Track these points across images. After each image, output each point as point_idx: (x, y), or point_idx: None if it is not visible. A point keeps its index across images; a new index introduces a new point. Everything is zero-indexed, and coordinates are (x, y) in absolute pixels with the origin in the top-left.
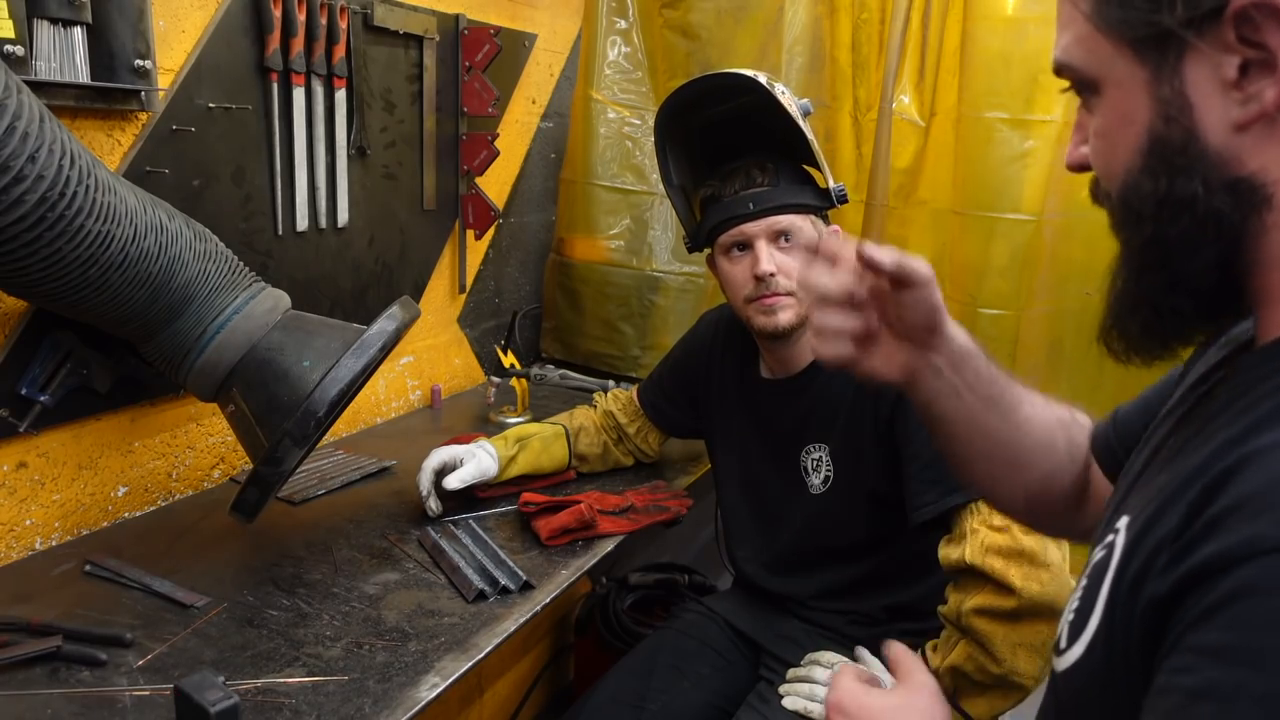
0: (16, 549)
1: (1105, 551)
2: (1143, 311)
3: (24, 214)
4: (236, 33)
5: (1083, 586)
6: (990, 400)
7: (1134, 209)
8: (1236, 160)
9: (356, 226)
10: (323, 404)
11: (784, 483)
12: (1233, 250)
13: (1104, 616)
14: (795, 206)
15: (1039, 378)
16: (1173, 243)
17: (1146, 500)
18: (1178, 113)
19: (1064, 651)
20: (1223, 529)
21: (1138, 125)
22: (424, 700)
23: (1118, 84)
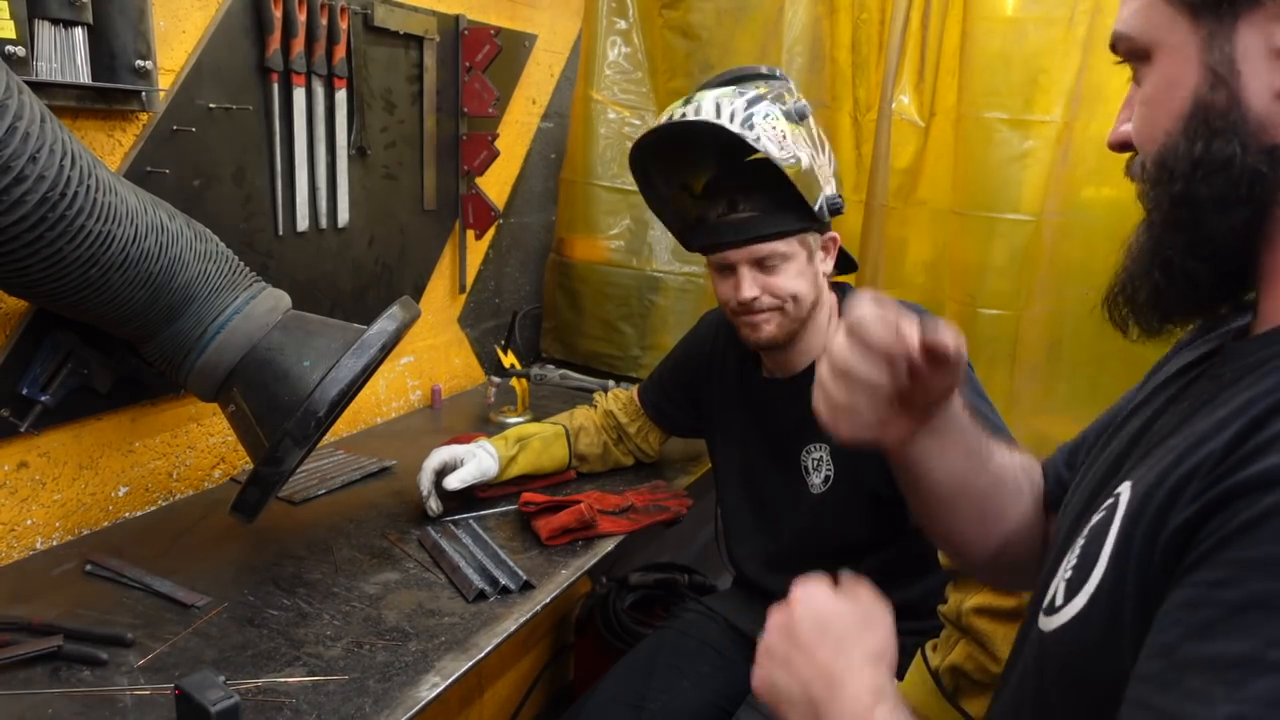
0: (17, 549)
1: (1105, 513)
2: (1154, 274)
3: (25, 214)
4: (237, 33)
5: (1080, 546)
6: (971, 453)
7: (1168, 167)
8: (1276, 127)
9: (357, 226)
10: (323, 404)
11: (784, 482)
12: (1259, 217)
13: (1111, 563)
14: (776, 234)
15: (1039, 378)
16: (1203, 200)
17: (1157, 459)
18: (1224, 78)
19: (1059, 609)
20: (1266, 453)
21: (1184, 90)
22: (424, 700)
23: (1171, 50)
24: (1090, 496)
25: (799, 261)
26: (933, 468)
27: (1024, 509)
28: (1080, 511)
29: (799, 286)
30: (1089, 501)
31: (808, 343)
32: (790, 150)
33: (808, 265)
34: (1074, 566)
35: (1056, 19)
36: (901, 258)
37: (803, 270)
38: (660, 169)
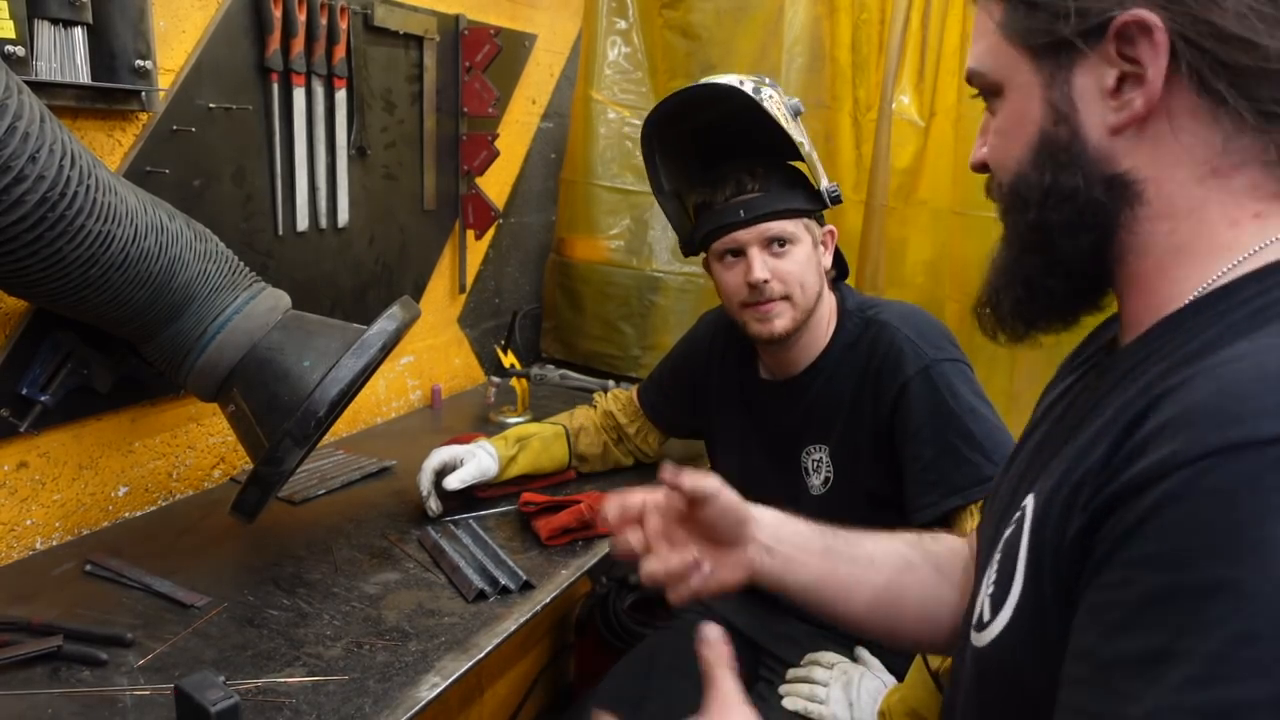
0: (17, 549)
1: (1015, 527)
2: (1016, 289)
3: (25, 214)
4: (237, 33)
5: (997, 562)
6: (827, 551)
7: (1022, 196)
8: (1112, 159)
9: (357, 226)
10: (323, 404)
11: (784, 483)
12: (1106, 239)
13: (1027, 576)
14: (786, 212)
15: (1039, 378)
16: (1055, 228)
17: (1052, 470)
18: (1065, 115)
19: (986, 625)
20: (1142, 455)
21: (1031, 124)
22: (424, 700)
23: (1018, 88)
24: (1001, 512)
25: (806, 246)
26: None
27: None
28: (995, 527)
29: (807, 274)
30: (1001, 517)
31: (807, 341)
32: (797, 133)
33: (813, 252)
34: (994, 582)
35: None
36: (901, 258)
37: (810, 256)
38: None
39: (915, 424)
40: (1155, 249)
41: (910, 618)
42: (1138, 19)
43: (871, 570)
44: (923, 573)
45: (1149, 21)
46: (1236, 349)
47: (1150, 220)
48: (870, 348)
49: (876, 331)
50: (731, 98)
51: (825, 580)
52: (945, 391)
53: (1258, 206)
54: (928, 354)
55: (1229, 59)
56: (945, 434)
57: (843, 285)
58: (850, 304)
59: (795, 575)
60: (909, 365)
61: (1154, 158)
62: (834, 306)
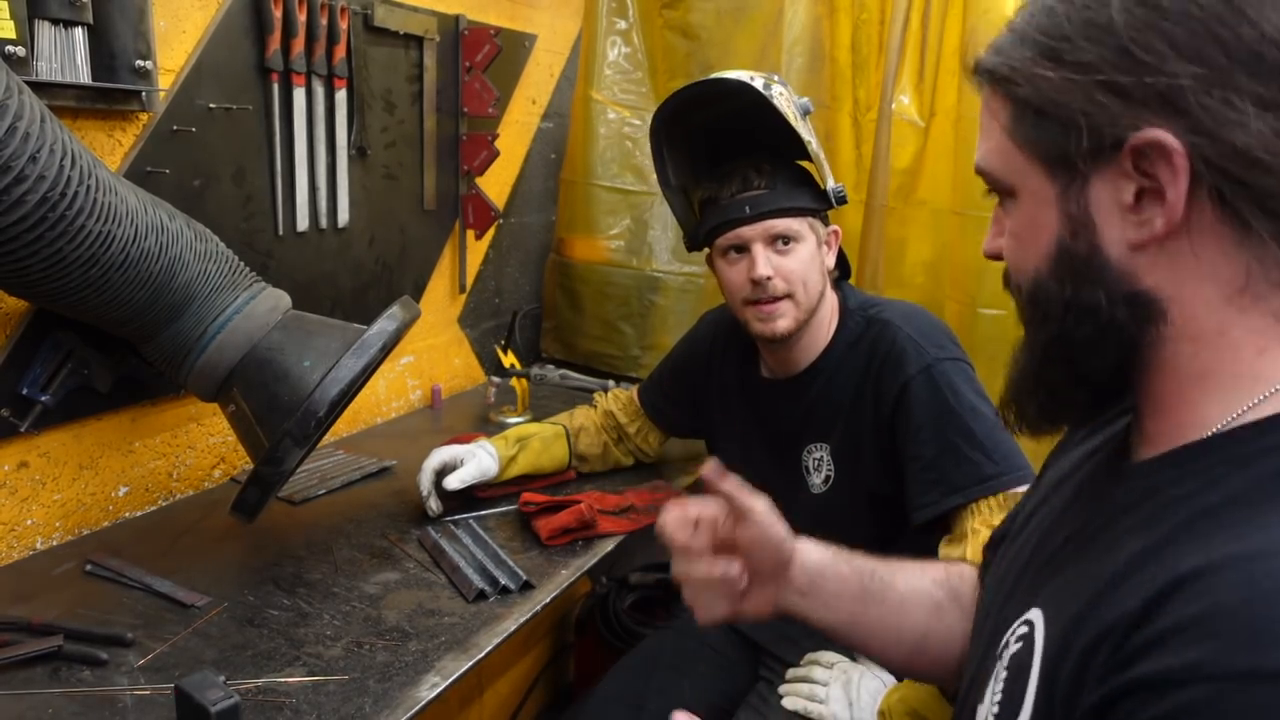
0: (17, 549)
1: (1022, 644)
2: (1040, 396)
3: (25, 214)
4: (237, 33)
5: (1004, 680)
6: (861, 595)
7: (1041, 308)
8: (1134, 276)
9: (357, 226)
10: (323, 404)
11: (785, 482)
12: (1129, 357)
13: (1036, 707)
14: (792, 210)
15: None
16: (1078, 344)
17: (1064, 595)
18: (1082, 228)
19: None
20: (1165, 648)
21: (1048, 234)
22: (424, 700)
23: (1031, 195)
24: (1001, 610)
25: (810, 245)
26: (825, 621)
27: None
28: (995, 628)
29: (810, 273)
30: (1001, 618)
31: (809, 340)
32: (805, 131)
33: (816, 252)
34: (1000, 703)
35: None
36: (901, 258)
37: (813, 256)
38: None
39: (916, 423)
40: (1178, 371)
41: (931, 661)
42: (1154, 141)
43: (901, 614)
44: (950, 617)
45: (1166, 144)
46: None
47: (1174, 341)
48: (872, 347)
49: (878, 331)
50: (742, 94)
51: (854, 624)
52: (946, 390)
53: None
54: (929, 353)
55: (1253, 181)
56: (946, 433)
57: (845, 285)
58: (852, 303)
59: (824, 617)
60: (910, 364)
61: (1177, 277)
62: (836, 306)
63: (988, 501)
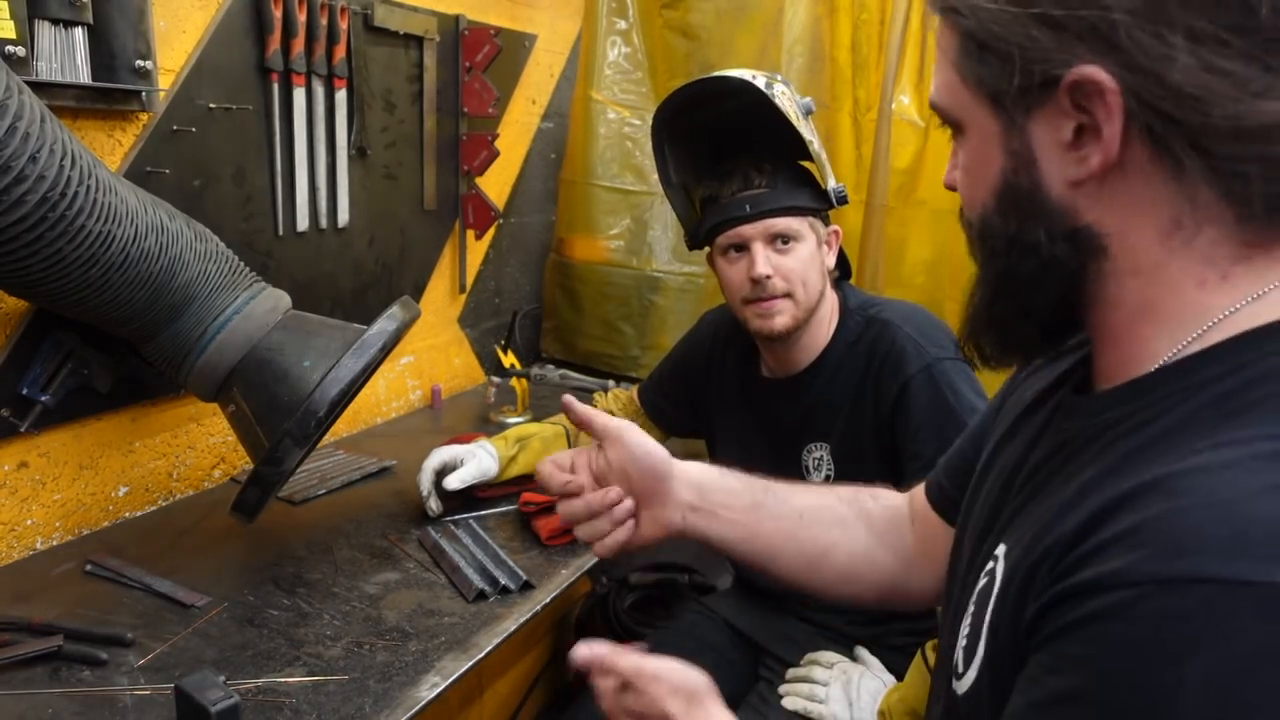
0: (17, 549)
1: (988, 579)
2: (992, 332)
3: (25, 214)
4: (237, 33)
5: (970, 613)
6: (754, 507)
7: (989, 244)
8: (1075, 212)
9: (357, 226)
10: (323, 404)
11: (785, 481)
12: (1073, 292)
13: (988, 641)
14: (792, 209)
15: None
16: (1022, 280)
17: (1024, 528)
18: (1024, 165)
19: (961, 676)
20: (1103, 555)
21: (994, 169)
22: (424, 700)
23: (977, 130)
24: (975, 548)
25: (810, 245)
26: (721, 533)
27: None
28: (969, 563)
29: (809, 272)
30: (974, 554)
31: (809, 339)
32: (806, 129)
33: (816, 251)
34: (967, 635)
35: None
36: (901, 258)
37: (813, 255)
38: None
39: (916, 422)
40: (1124, 305)
41: (836, 576)
42: (1087, 78)
43: (799, 526)
44: (855, 530)
45: (1100, 81)
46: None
47: (1117, 275)
48: (872, 346)
49: (878, 330)
50: (744, 92)
51: (751, 537)
52: (947, 390)
53: (1224, 268)
54: (929, 353)
55: (1183, 118)
56: (946, 432)
57: (845, 284)
58: (852, 303)
59: (719, 531)
60: (910, 364)
61: (1115, 213)
62: (836, 305)
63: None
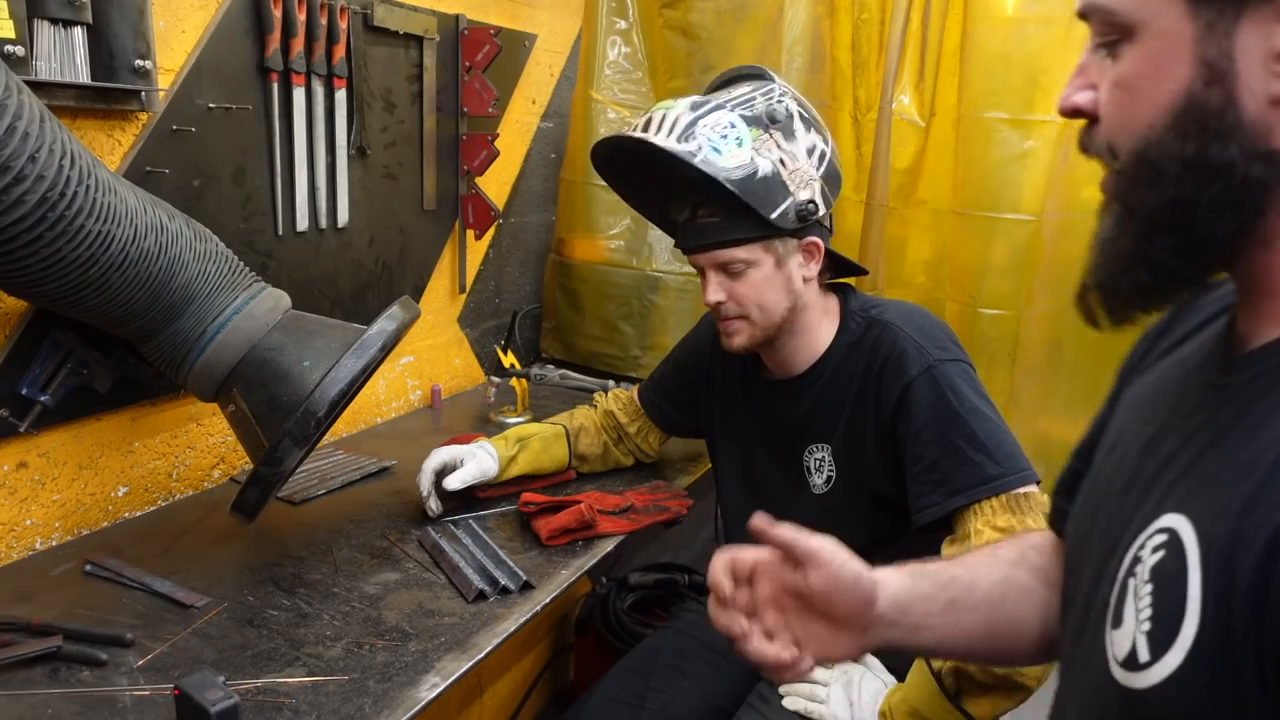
0: (17, 549)
1: (1165, 552)
2: (1139, 272)
3: (24, 214)
4: (237, 33)
5: (1149, 593)
6: (950, 606)
7: (1155, 166)
8: (1271, 133)
9: (356, 226)
10: (323, 404)
11: (786, 483)
12: (1254, 221)
13: (1209, 621)
14: (736, 241)
15: (1039, 378)
16: (1200, 206)
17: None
18: (1221, 76)
19: (1147, 665)
20: None
21: (1174, 82)
22: (424, 700)
23: (1160, 35)
24: (1121, 526)
25: (765, 269)
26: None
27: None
28: (1112, 544)
29: (765, 295)
30: (1121, 532)
31: (803, 344)
32: (741, 159)
33: (776, 272)
34: (1151, 618)
35: (1056, 19)
36: (901, 258)
37: (769, 278)
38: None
39: (918, 424)
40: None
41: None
42: None
43: (994, 611)
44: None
45: None
46: None
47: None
48: (873, 348)
49: (879, 331)
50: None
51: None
52: (948, 391)
53: None
54: (931, 354)
55: None
56: (948, 434)
57: (845, 285)
58: (853, 304)
59: (920, 642)
60: (912, 365)
61: None
62: (835, 306)
63: (990, 503)
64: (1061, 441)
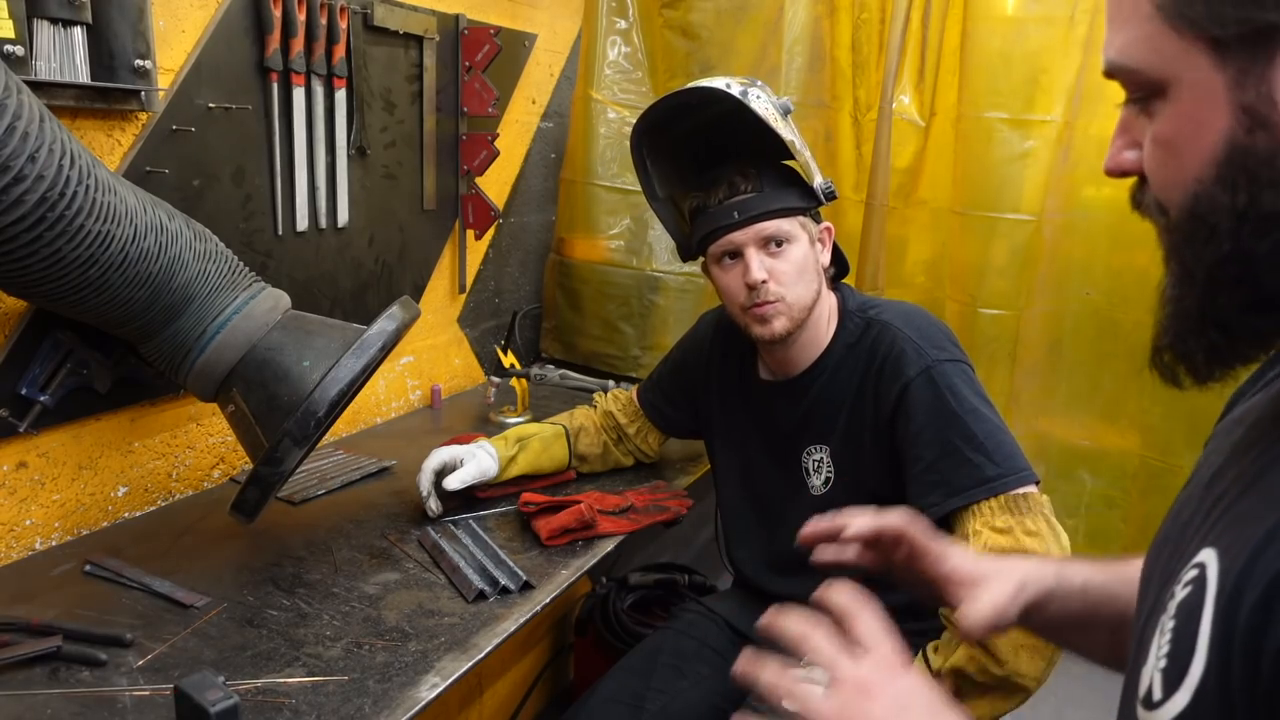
0: (16, 549)
1: (1192, 588)
2: (1209, 333)
3: (24, 214)
4: (236, 33)
5: (1170, 629)
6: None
7: (1206, 223)
8: None
9: (356, 226)
10: (323, 404)
11: (785, 483)
12: None
13: (1214, 656)
14: (781, 211)
15: (1039, 378)
16: (1259, 259)
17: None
18: (1263, 120)
19: (1158, 704)
20: None
21: (1213, 134)
22: (424, 700)
23: (1191, 87)
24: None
25: (803, 244)
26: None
27: None
28: (1164, 580)
29: (805, 272)
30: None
31: (808, 341)
32: (788, 130)
33: (810, 251)
34: (1168, 655)
35: (1056, 19)
36: (901, 257)
37: (807, 255)
38: (658, 164)
39: (917, 425)
40: None
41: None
42: None
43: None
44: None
45: None
46: None
47: None
48: (872, 348)
49: (878, 332)
50: (720, 101)
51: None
52: (947, 392)
53: None
54: (929, 354)
55: None
56: (947, 435)
57: (843, 285)
58: (851, 304)
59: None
60: (910, 366)
61: None
62: (835, 306)
63: (989, 504)
64: (1061, 441)
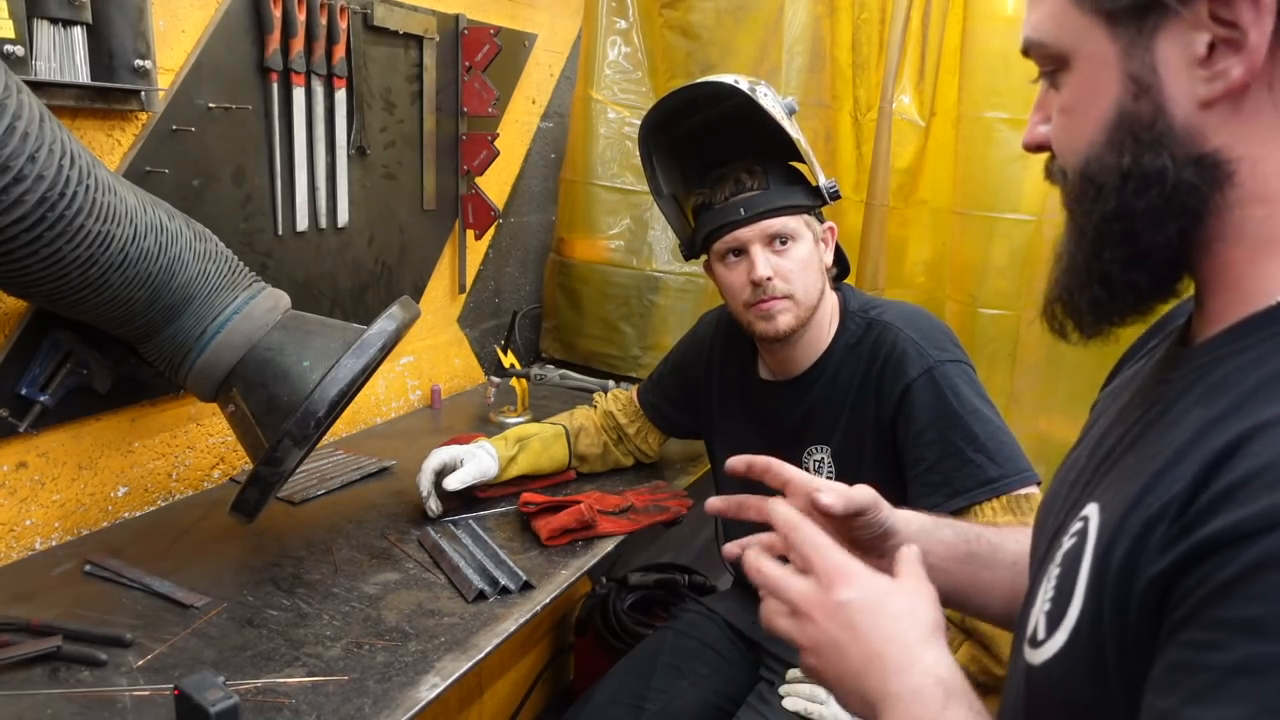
0: (16, 549)
1: (1076, 539)
2: (1093, 288)
3: (24, 214)
4: (236, 33)
5: (1055, 575)
6: (969, 558)
7: (1095, 182)
8: (1201, 136)
9: (356, 226)
10: (323, 404)
11: None
12: (1195, 225)
13: (1088, 601)
14: (787, 209)
15: (1039, 378)
16: (1139, 216)
17: (1119, 483)
18: (1147, 88)
19: (1042, 642)
20: (1234, 502)
21: (1106, 100)
22: (424, 700)
23: (1089, 58)
24: (1062, 517)
25: (807, 243)
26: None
27: None
28: (1054, 532)
29: (808, 272)
30: (1060, 522)
31: (809, 341)
32: (795, 129)
33: (814, 249)
34: (1051, 599)
35: None
36: (902, 258)
37: (811, 255)
38: (663, 161)
39: (918, 425)
40: (1247, 237)
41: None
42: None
43: (1015, 575)
44: None
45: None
46: None
47: (1242, 205)
48: (873, 348)
49: (879, 332)
50: (729, 97)
51: (965, 587)
52: (949, 393)
53: None
54: (931, 355)
55: None
56: (949, 435)
57: (845, 286)
58: (852, 304)
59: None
60: (912, 367)
61: (1250, 134)
62: (836, 307)
63: (991, 504)
64: (1062, 441)
